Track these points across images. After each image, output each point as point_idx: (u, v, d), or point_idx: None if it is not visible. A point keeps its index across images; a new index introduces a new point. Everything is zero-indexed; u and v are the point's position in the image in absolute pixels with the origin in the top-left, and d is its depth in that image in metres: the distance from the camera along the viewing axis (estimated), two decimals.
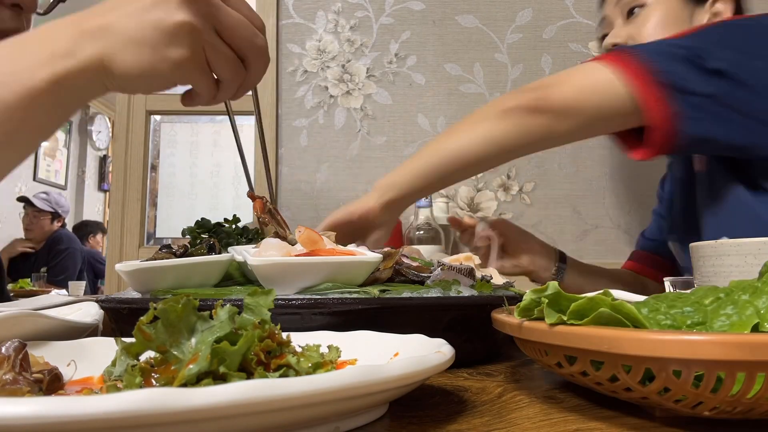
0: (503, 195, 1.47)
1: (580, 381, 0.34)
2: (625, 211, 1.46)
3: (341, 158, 1.49)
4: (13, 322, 0.41)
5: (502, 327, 0.38)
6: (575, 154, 1.48)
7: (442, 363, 0.29)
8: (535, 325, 0.33)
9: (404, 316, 0.46)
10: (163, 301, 0.27)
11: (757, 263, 0.48)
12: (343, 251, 0.52)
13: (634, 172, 1.47)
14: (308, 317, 0.44)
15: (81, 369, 0.35)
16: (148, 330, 0.27)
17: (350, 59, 1.52)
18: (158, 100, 1.58)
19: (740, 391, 0.26)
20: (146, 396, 0.19)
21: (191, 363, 0.25)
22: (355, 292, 0.47)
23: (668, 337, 0.26)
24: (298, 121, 1.51)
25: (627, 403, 0.33)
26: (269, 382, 0.21)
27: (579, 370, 0.32)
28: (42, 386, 0.30)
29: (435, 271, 0.53)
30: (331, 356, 0.32)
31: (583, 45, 1.51)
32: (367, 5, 1.53)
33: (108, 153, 5.43)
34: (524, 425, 0.30)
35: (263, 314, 0.30)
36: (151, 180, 1.60)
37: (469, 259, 0.67)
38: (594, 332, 0.29)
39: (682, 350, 0.26)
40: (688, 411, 0.28)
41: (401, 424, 0.30)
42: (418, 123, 1.50)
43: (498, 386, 0.40)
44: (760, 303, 0.30)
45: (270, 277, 0.47)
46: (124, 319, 0.49)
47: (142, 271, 0.50)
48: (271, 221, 0.58)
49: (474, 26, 1.52)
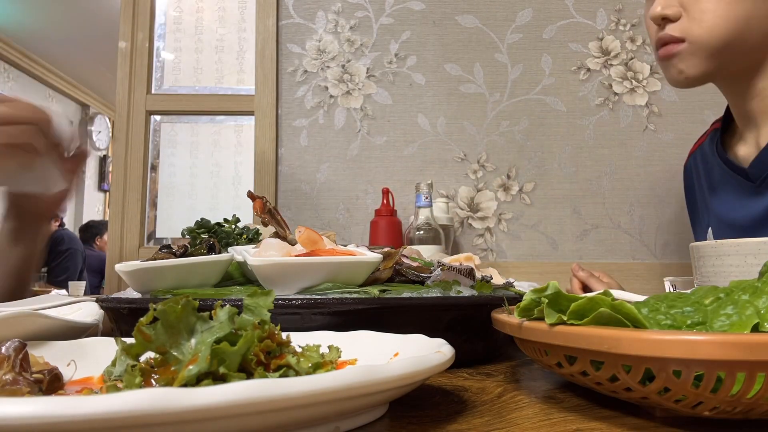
0: (503, 195, 1.47)
1: (580, 381, 0.34)
2: (625, 211, 1.46)
3: (341, 158, 1.49)
4: (13, 322, 0.41)
5: (502, 327, 0.38)
6: (575, 154, 1.48)
7: (442, 363, 0.29)
8: (535, 325, 0.33)
9: (404, 316, 0.46)
10: (163, 302, 0.27)
11: (757, 263, 0.48)
12: (343, 251, 0.52)
13: (634, 172, 1.47)
14: (308, 317, 0.44)
15: (81, 369, 0.35)
16: (147, 331, 0.27)
17: (350, 59, 1.52)
18: (158, 100, 1.58)
19: (740, 391, 0.26)
20: (147, 396, 0.19)
21: (191, 364, 0.25)
22: (355, 292, 0.47)
23: (668, 337, 0.26)
24: (298, 121, 1.51)
25: (627, 403, 0.33)
26: (269, 382, 0.21)
27: (579, 370, 0.32)
28: (42, 386, 0.30)
29: (435, 272, 0.53)
30: (331, 356, 0.32)
31: (583, 45, 1.51)
32: (367, 5, 1.53)
33: (108, 153, 5.43)
34: (524, 425, 0.30)
35: (263, 315, 0.30)
36: (151, 180, 1.60)
37: (469, 259, 0.67)
38: (594, 332, 0.29)
39: (682, 350, 0.26)
40: (688, 411, 0.28)
41: (401, 424, 0.30)
42: (418, 123, 1.50)
43: (498, 386, 0.40)
44: (760, 303, 0.30)
45: (270, 277, 0.47)
46: (124, 319, 0.49)
47: (142, 271, 0.50)
48: (271, 221, 0.58)
49: (474, 26, 1.52)
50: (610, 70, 1.50)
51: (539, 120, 1.49)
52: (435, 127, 1.49)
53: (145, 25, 1.59)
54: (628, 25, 1.51)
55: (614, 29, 1.51)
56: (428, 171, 1.48)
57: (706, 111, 1.46)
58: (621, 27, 1.51)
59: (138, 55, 1.58)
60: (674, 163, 1.46)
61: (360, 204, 1.48)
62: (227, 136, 1.63)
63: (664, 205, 1.46)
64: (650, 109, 1.48)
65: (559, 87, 1.50)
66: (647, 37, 1.50)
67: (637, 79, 1.49)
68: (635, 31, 1.51)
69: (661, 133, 1.48)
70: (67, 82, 4.89)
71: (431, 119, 1.50)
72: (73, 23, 3.84)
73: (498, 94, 1.50)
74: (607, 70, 1.50)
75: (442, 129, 1.49)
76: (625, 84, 1.49)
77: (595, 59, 1.50)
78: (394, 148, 1.49)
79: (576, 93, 1.49)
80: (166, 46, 1.63)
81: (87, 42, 4.12)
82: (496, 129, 1.49)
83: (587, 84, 1.50)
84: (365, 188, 1.48)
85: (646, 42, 1.50)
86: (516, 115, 1.49)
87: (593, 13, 1.52)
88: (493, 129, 1.49)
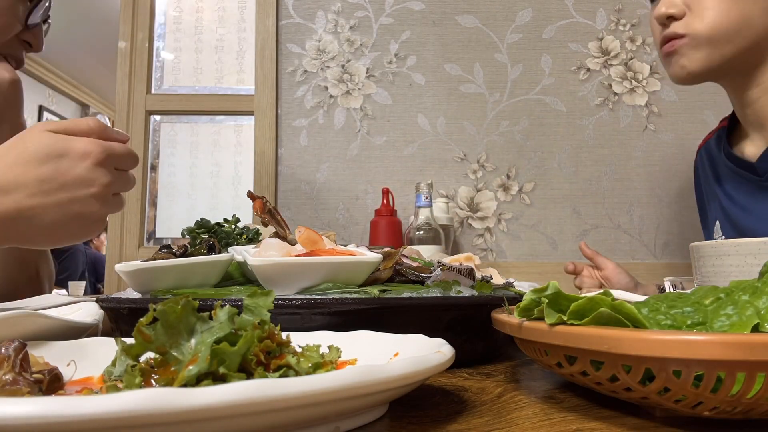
0: (503, 195, 1.47)
1: (580, 381, 0.34)
2: (624, 211, 1.46)
3: (341, 158, 1.49)
4: (13, 322, 0.41)
5: (502, 327, 0.38)
6: (575, 154, 1.48)
7: (442, 363, 0.29)
8: (535, 325, 0.33)
9: (404, 316, 0.46)
10: (163, 303, 0.27)
11: (757, 263, 0.48)
12: (343, 251, 0.52)
13: (634, 172, 1.47)
14: (308, 317, 0.44)
15: (81, 369, 0.35)
16: (147, 331, 0.27)
17: (350, 59, 1.52)
18: (158, 100, 1.58)
19: (740, 391, 0.26)
20: (147, 396, 0.19)
21: (191, 364, 0.25)
22: (355, 292, 0.47)
23: (668, 337, 0.26)
24: (298, 121, 1.51)
25: (627, 403, 0.33)
26: (269, 382, 0.21)
27: (579, 370, 0.32)
28: (42, 386, 0.30)
29: (435, 272, 0.53)
30: (331, 356, 0.32)
31: (583, 45, 1.51)
32: (366, 5, 1.53)
33: None
34: (524, 425, 0.30)
35: (263, 315, 0.30)
36: (151, 180, 1.60)
37: (470, 259, 0.67)
38: (594, 332, 0.29)
39: (682, 350, 0.26)
40: (688, 411, 0.28)
41: (401, 424, 0.30)
42: (417, 123, 1.50)
43: (498, 386, 0.40)
44: (761, 303, 0.30)
45: (270, 277, 0.47)
46: (124, 319, 0.49)
47: (142, 272, 0.50)
48: (271, 221, 0.58)
49: (474, 26, 1.52)
50: (610, 70, 1.50)
51: (539, 120, 1.49)
52: (435, 127, 1.49)
53: (145, 25, 1.59)
54: (627, 25, 1.51)
55: (614, 29, 1.51)
56: (428, 171, 1.48)
57: (706, 111, 1.46)
58: (621, 27, 1.51)
59: (138, 55, 1.58)
60: (674, 163, 1.46)
61: (360, 204, 1.48)
62: (227, 136, 1.63)
63: (663, 205, 1.46)
64: (650, 109, 1.48)
65: (558, 87, 1.50)
66: (647, 36, 1.50)
67: (636, 79, 1.49)
68: (635, 31, 1.51)
69: (661, 133, 1.48)
70: (67, 82, 4.88)
71: (431, 119, 1.50)
72: (73, 23, 3.84)
73: (498, 94, 1.50)
74: (607, 70, 1.50)
75: (441, 129, 1.49)
76: (624, 84, 1.49)
77: (595, 59, 1.50)
78: (394, 148, 1.49)
79: (576, 93, 1.49)
80: (165, 46, 1.63)
81: (87, 42, 4.12)
82: (495, 129, 1.49)
83: (587, 84, 1.50)
84: (365, 188, 1.48)
85: (646, 42, 1.50)
86: (516, 115, 1.49)
87: (593, 13, 1.52)
88: (492, 129, 1.49)
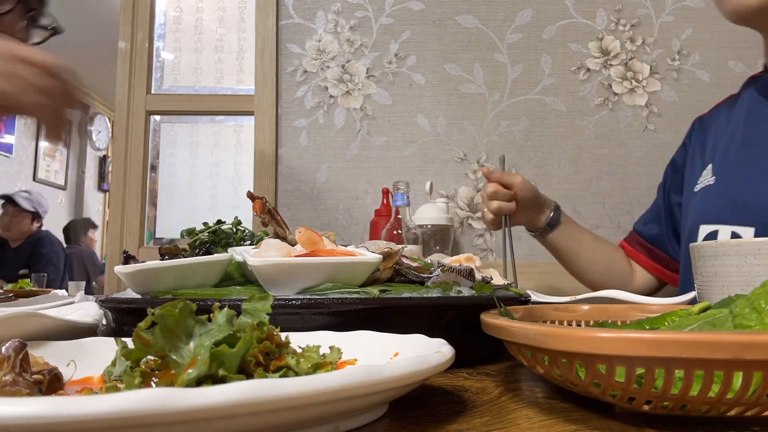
0: None
1: (558, 381, 0.34)
2: (625, 211, 1.46)
3: (341, 158, 1.49)
4: (13, 322, 0.41)
5: (486, 328, 0.39)
6: (575, 154, 1.48)
7: (442, 363, 0.29)
8: (501, 323, 0.34)
9: (404, 316, 0.46)
10: (161, 306, 0.27)
11: (757, 263, 0.48)
12: (343, 251, 0.52)
13: (634, 172, 1.47)
14: (308, 317, 0.44)
15: (81, 369, 0.35)
16: (146, 335, 0.27)
17: (350, 59, 1.52)
18: (158, 100, 1.58)
19: (663, 386, 0.27)
20: (147, 396, 0.19)
21: (190, 367, 0.25)
22: (355, 292, 0.47)
23: (583, 335, 0.28)
24: (298, 121, 1.51)
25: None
26: (269, 382, 0.21)
27: (550, 369, 0.32)
28: (42, 387, 0.30)
29: (435, 272, 0.53)
30: (331, 357, 0.32)
31: (583, 45, 1.51)
32: (366, 5, 1.53)
33: (108, 153, 5.43)
34: (524, 425, 0.30)
35: (261, 317, 0.30)
36: (150, 180, 1.60)
37: (470, 259, 0.67)
38: (531, 328, 0.30)
39: (596, 347, 0.27)
40: (627, 406, 0.29)
41: (401, 424, 0.30)
42: (417, 123, 1.50)
43: (498, 386, 0.40)
44: None
45: (270, 278, 0.47)
46: (123, 319, 0.49)
47: (142, 273, 0.50)
48: (270, 221, 0.58)
49: (474, 26, 1.52)
50: (610, 70, 1.50)
51: (539, 120, 1.49)
52: (435, 127, 1.49)
53: (144, 25, 1.59)
54: (627, 25, 1.51)
55: (614, 29, 1.51)
56: (428, 171, 1.48)
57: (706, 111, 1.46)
58: (621, 27, 1.51)
59: (138, 55, 1.58)
60: None
61: (360, 204, 1.48)
62: (227, 136, 1.63)
63: None
64: (650, 109, 1.48)
65: (558, 87, 1.50)
66: (647, 36, 1.50)
67: (636, 80, 1.49)
68: (635, 31, 1.51)
69: (661, 133, 1.48)
70: None
71: (431, 119, 1.50)
72: (73, 23, 3.84)
73: (498, 94, 1.50)
74: (607, 70, 1.50)
75: (441, 129, 1.49)
76: (624, 84, 1.49)
77: (595, 59, 1.50)
78: (394, 148, 1.49)
79: (576, 93, 1.49)
80: (165, 46, 1.63)
81: (87, 42, 4.12)
82: (495, 129, 1.49)
83: (587, 84, 1.50)
84: (365, 188, 1.48)
85: (646, 42, 1.50)
86: (516, 115, 1.49)
87: (593, 13, 1.52)
88: (492, 129, 1.49)
